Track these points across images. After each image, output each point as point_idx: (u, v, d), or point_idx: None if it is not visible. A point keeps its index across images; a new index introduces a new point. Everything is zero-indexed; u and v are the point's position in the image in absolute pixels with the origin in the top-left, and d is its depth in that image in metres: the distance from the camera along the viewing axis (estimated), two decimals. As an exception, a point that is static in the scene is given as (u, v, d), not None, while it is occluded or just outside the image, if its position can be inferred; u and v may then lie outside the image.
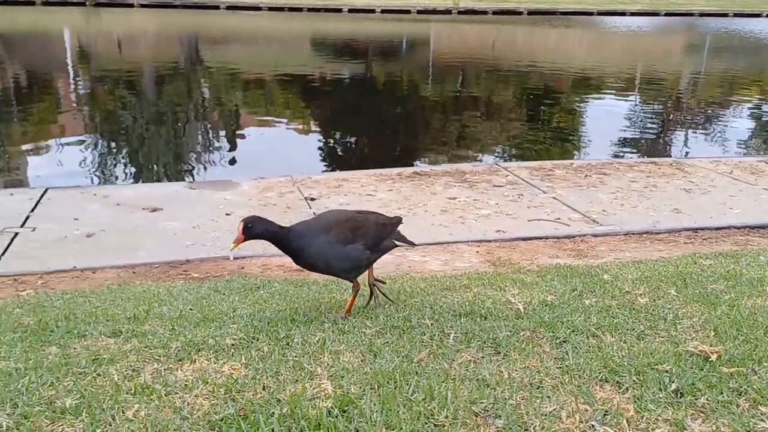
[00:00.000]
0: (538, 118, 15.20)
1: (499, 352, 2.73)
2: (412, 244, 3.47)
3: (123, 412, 2.17)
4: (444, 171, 8.32)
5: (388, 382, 2.40)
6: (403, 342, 2.86)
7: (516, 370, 2.53)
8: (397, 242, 3.36)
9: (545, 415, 2.19)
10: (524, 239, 5.75)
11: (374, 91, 19.05)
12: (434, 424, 2.09)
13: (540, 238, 5.79)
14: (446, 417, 2.13)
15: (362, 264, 3.18)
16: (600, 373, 2.52)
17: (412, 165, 10.25)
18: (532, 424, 2.13)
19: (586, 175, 8.06)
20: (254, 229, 3.00)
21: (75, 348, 2.80)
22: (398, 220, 3.37)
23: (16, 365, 2.57)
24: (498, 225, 6.20)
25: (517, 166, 8.55)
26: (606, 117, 15.16)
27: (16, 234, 5.79)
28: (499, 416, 2.17)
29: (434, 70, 24.20)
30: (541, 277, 4.15)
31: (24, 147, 11.32)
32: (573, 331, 2.97)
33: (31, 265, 5.09)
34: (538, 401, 2.28)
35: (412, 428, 2.05)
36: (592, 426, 2.17)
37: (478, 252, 5.41)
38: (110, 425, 2.09)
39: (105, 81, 19.22)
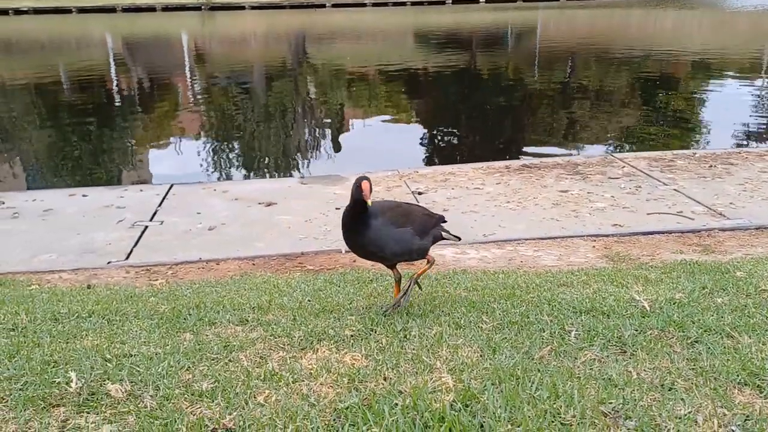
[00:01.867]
0: (654, 106, 14.44)
1: (626, 351, 2.63)
2: (457, 238, 3.58)
3: (255, 397, 2.27)
4: (555, 163, 8.09)
5: (509, 378, 2.37)
6: (522, 338, 2.81)
7: (645, 371, 2.42)
8: (443, 234, 3.44)
9: (679, 418, 2.08)
10: (644, 234, 5.49)
11: (479, 82, 18.82)
12: (561, 423, 2.04)
13: (661, 232, 5.51)
14: (573, 416, 2.07)
15: (413, 248, 3.21)
16: (738, 375, 2.37)
17: (520, 157, 10.07)
18: (665, 426, 2.03)
19: (711, 166, 7.57)
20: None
21: (207, 335, 2.97)
22: (441, 218, 3.45)
23: (155, 350, 2.76)
24: (615, 219, 5.96)
25: (633, 157, 8.17)
26: (730, 103, 14.16)
27: (146, 227, 6.20)
28: (630, 417, 2.08)
29: (541, 58, 23.59)
30: (666, 273, 3.94)
31: (149, 145, 12.13)
32: (705, 330, 2.80)
33: (161, 256, 5.44)
34: (671, 403, 2.17)
35: (538, 426, 2.01)
36: (732, 431, 2.04)
37: (594, 247, 5.22)
38: (244, 409, 2.20)
39: (219, 81, 20.20)
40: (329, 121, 14.26)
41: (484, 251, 5.23)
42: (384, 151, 11.23)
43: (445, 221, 3.48)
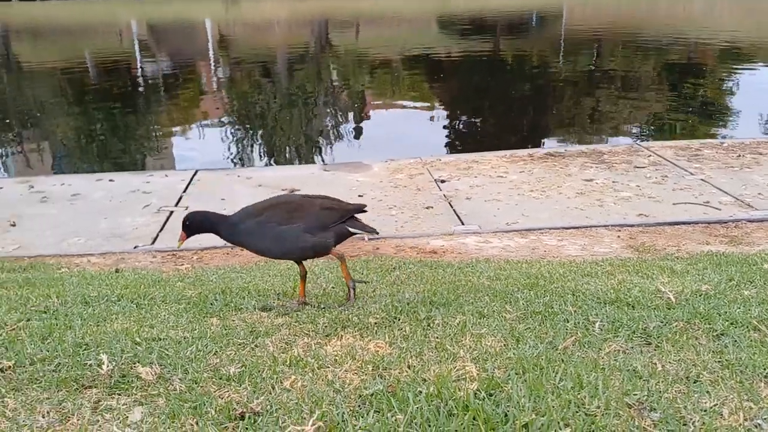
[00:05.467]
0: (681, 93, 14.21)
1: (650, 343, 2.62)
2: (373, 231, 3.33)
3: (281, 382, 2.31)
4: (579, 151, 8.02)
5: (533, 368, 2.37)
6: (545, 328, 2.82)
7: (670, 363, 2.41)
8: (351, 229, 3.23)
9: (705, 411, 2.08)
10: (670, 224, 5.43)
11: (503, 69, 18.66)
12: (585, 414, 2.04)
13: (687, 223, 5.45)
14: (598, 407, 2.07)
15: (306, 245, 3.09)
16: (765, 369, 2.35)
17: (544, 145, 10.00)
18: (690, 419, 2.02)
19: (739, 155, 7.45)
20: (191, 226, 3.11)
21: (233, 320, 3.01)
22: (357, 208, 3.26)
23: (183, 334, 2.80)
24: (640, 208, 5.90)
25: (660, 146, 8.07)
26: (759, 91, 13.89)
27: (172, 213, 6.28)
28: (655, 409, 2.08)
29: (566, 44, 23.30)
30: (692, 265, 3.90)
31: (173, 130, 12.24)
32: (732, 323, 2.78)
33: (187, 242, 5.49)
34: (696, 396, 2.16)
35: (562, 416, 2.02)
36: (758, 425, 2.03)
37: (618, 237, 5.19)
38: (270, 393, 2.23)
39: (243, 67, 20.26)
40: (352, 107, 14.25)
41: (507, 240, 5.22)
42: (407, 138, 11.21)
43: (364, 211, 3.29)
